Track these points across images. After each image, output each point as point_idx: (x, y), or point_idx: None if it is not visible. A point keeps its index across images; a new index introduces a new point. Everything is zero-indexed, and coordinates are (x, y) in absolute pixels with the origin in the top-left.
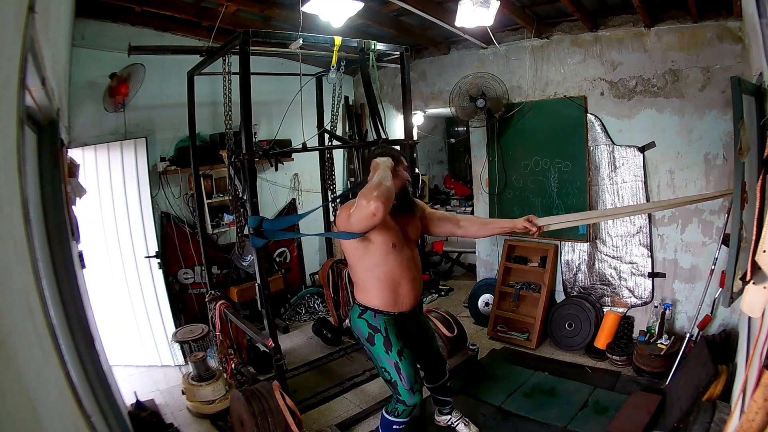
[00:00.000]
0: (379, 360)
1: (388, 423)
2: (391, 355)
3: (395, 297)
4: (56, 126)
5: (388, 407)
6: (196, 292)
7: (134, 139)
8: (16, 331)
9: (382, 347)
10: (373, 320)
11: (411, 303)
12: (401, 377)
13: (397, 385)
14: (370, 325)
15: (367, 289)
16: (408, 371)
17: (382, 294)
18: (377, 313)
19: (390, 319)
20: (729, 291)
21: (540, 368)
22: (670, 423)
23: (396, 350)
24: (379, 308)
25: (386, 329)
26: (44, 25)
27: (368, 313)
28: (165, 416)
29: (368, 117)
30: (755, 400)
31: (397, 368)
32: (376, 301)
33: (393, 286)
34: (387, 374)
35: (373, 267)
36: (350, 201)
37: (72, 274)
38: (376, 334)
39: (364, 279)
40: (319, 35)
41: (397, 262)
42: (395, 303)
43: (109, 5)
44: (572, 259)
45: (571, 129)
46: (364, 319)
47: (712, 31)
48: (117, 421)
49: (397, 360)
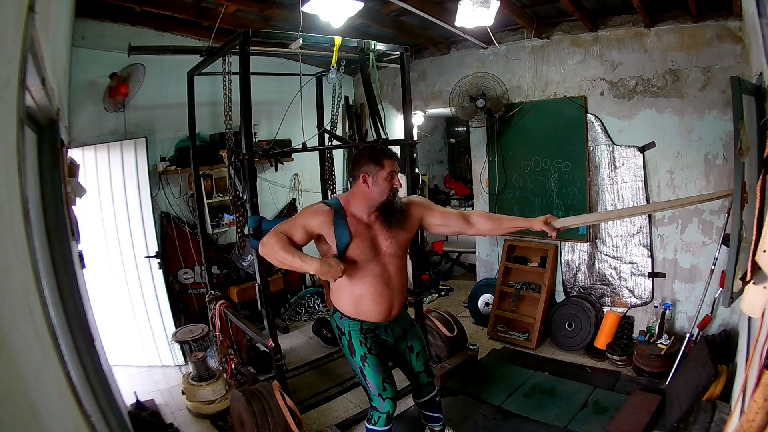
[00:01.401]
0: (350, 363)
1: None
2: (355, 359)
3: (357, 308)
4: (56, 126)
5: (367, 417)
6: (196, 292)
7: (134, 139)
8: (16, 331)
9: (347, 350)
10: (339, 322)
11: (378, 317)
12: (367, 382)
13: (366, 389)
14: (338, 326)
15: (336, 291)
16: (373, 377)
17: (346, 301)
18: (343, 316)
19: (355, 324)
20: (729, 291)
21: (540, 368)
22: (670, 423)
23: (359, 355)
24: (344, 313)
25: (349, 333)
26: (44, 25)
27: (337, 314)
28: (165, 416)
29: (368, 117)
30: (755, 400)
31: (362, 373)
32: (341, 305)
33: (354, 298)
34: (358, 377)
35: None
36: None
37: (72, 274)
38: (341, 336)
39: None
40: (319, 35)
41: (359, 277)
42: (357, 313)
43: (109, 5)
44: (572, 259)
45: (571, 129)
46: (334, 318)
47: (712, 31)
48: (117, 421)
49: (360, 365)
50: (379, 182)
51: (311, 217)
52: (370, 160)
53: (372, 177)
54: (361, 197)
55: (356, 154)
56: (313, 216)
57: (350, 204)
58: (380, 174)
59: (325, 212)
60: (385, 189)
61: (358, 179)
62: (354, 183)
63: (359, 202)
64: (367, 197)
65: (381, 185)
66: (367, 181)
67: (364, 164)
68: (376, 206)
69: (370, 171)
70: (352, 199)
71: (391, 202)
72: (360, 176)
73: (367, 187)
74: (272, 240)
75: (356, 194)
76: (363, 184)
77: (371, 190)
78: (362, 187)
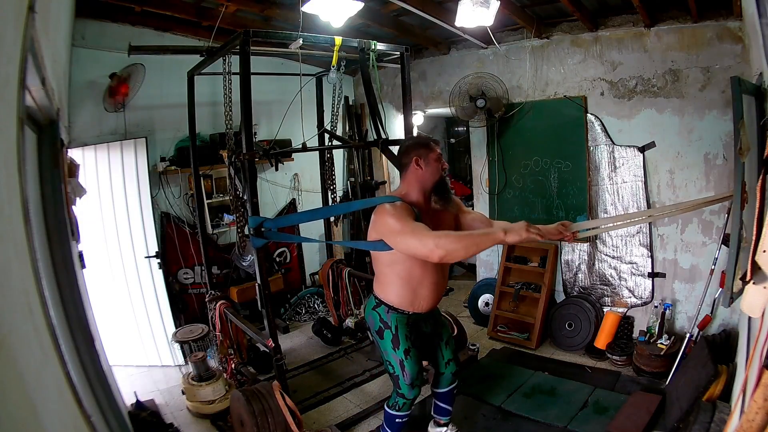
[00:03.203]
0: (385, 354)
1: (390, 417)
2: (397, 352)
3: (413, 297)
4: (56, 126)
5: (389, 402)
6: (196, 292)
7: (134, 139)
8: (16, 331)
9: (390, 343)
10: (385, 316)
11: (429, 305)
12: (404, 373)
13: (399, 379)
14: (382, 320)
15: (386, 284)
16: (412, 369)
17: (400, 292)
18: (390, 309)
19: (403, 318)
20: (729, 291)
21: (540, 368)
22: (670, 423)
23: (403, 349)
24: (393, 305)
25: (396, 327)
26: (44, 25)
27: (382, 307)
28: (165, 416)
29: (368, 117)
30: (755, 400)
31: (402, 365)
32: (392, 297)
33: (413, 287)
34: (391, 368)
35: (395, 263)
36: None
37: (72, 274)
38: (386, 330)
39: (384, 273)
40: (319, 35)
41: (421, 264)
42: (412, 303)
43: (109, 5)
44: (572, 259)
45: (571, 129)
46: (377, 312)
47: (712, 31)
48: (117, 421)
49: (402, 358)
50: (430, 163)
51: (407, 212)
52: (420, 145)
53: (423, 159)
54: (415, 182)
55: (403, 145)
56: (406, 211)
57: (408, 195)
58: (430, 156)
59: (406, 206)
60: (437, 168)
61: (410, 165)
62: (406, 171)
63: (414, 187)
64: (422, 179)
65: (432, 165)
66: (420, 164)
67: (413, 150)
68: (430, 188)
69: (420, 154)
70: (408, 188)
71: (443, 179)
72: (412, 161)
73: (420, 169)
74: (443, 240)
75: (410, 181)
76: (416, 167)
77: (424, 171)
78: (416, 171)
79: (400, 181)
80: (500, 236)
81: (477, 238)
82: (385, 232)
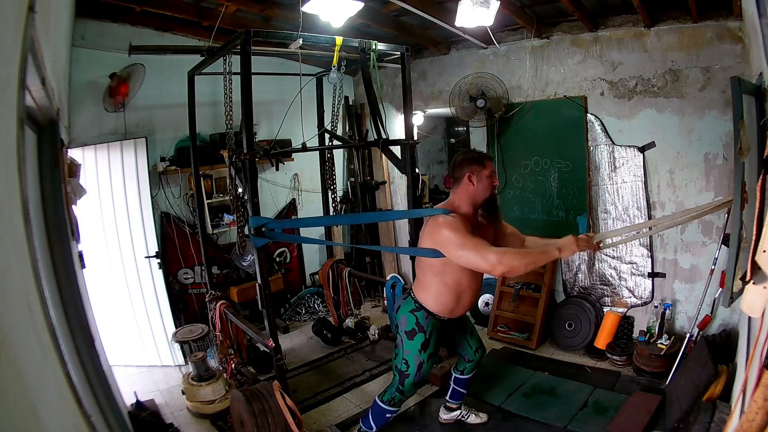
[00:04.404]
0: (406, 353)
1: (381, 411)
2: (422, 355)
3: (455, 305)
4: (56, 126)
5: (383, 396)
6: (196, 292)
7: (134, 139)
8: (16, 331)
9: (419, 346)
10: (424, 321)
11: (465, 311)
12: (417, 374)
13: (408, 377)
14: (418, 323)
15: (429, 290)
16: (426, 372)
17: (443, 299)
18: (430, 315)
19: (437, 323)
20: (729, 291)
21: (540, 368)
22: (670, 423)
23: (429, 353)
24: (433, 311)
25: (431, 333)
26: (44, 25)
27: (422, 312)
28: (165, 416)
29: (368, 117)
30: (755, 400)
31: (420, 367)
32: (433, 304)
33: (457, 294)
34: (404, 365)
35: (444, 272)
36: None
37: (72, 274)
38: (419, 333)
39: (430, 280)
40: (320, 35)
41: (469, 274)
42: (452, 310)
43: (109, 5)
44: (572, 259)
45: (571, 129)
46: (414, 315)
47: (712, 31)
48: (117, 421)
49: (424, 360)
50: (482, 180)
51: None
52: (473, 162)
53: (476, 176)
54: (467, 197)
55: (457, 159)
56: (463, 224)
57: (458, 208)
58: (483, 173)
59: (463, 219)
60: (488, 186)
61: (463, 180)
62: (458, 186)
63: (465, 202)
64: (473, 195)
65: (484, 182)
66: (472, 180)
67: (467, 166)
68: (479, 204)
69: (474, 171)
70: (459, 201)
71: (494, 197)
72: (465, 177)
73: (473, 185)
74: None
75: (461, 196)
76: (469, 184)
77: (477, 188)
78: (468, 186)
79: (451, 193)
80: (556, 254)
81: (536, 256)
82: (442, 242)
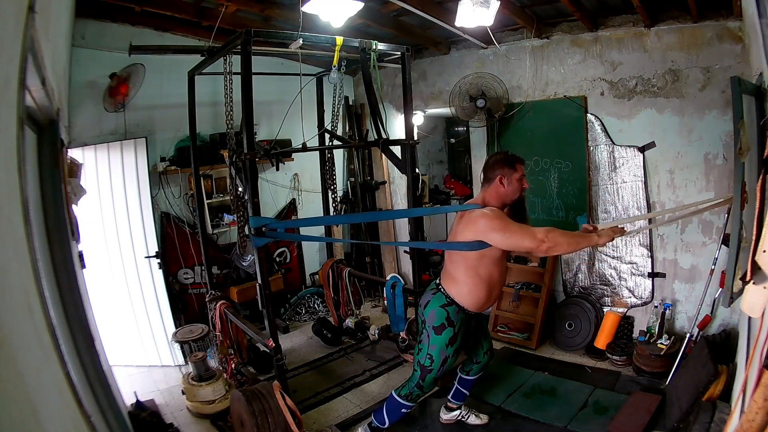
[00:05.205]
0: (432, 348)
1: (398, 405)
2: (448, 349)
3: (487, 299)
4: (56, 126)
5: (401, 390)
6: (196, 292)
7: (134, 139)
8: (16, 331)
9: (446, 340)
10: (454, 316)
11: (491, 305)
12: (441, 369)
13: (431, 372)
14: (448, 318)
15: (462, 284)
16: (449, 366)
17: (476, 293)
18: (461, 309)
19: (465, 317)
20: (729, 291)
21: (540, 368)
22: (670, 423)
23: (455, 347)
24: (465, 306)
25: (459, 327)
26: (44, 25)
27: (453, 307)
28: (165, 416)
29: (368, 117)
30: (755, 400)
31: (445, 361)
32: (466, 297)
33: (489, 288)
34: (428, 361)
35: (479, 266)
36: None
37: (72, 274)
38: (448, 328)
39: (464, 274)
40: (320, 35)
41: (500, 268)
42: (483, 304)
43: (109, 5)
44: (572, 259)
45: (571, 129)
46: (445, 310)
47: (712, 31)
48: (117, 421)
49: (449, 355)
50: (513, 183)
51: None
52: (505, 164)
53: (507, 178)
54: (497, 197)
55: (490, 160)
56: (503, 214)
57: (489, 204)
58: (514, 176)
59: (501, 210)
60: (518, 188)
61: (494, 181)
62: (489, 185)
63: (494, 201)
64: (503, 196)
65: (515, 185)
66: (503, 182)
67: (499, 168)
68: (508, 204)
69: (505, 173)
70: (489, 200)
71: (522, 199)
72: (496, 178)
73: (503, 187)
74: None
75: (492, 195)
76: (500, 185)
77: (507, 189)
78: (498, 187)
79: (481, 191)
80: (595, 239)
81: (578, 237)
82: (486, 230)
